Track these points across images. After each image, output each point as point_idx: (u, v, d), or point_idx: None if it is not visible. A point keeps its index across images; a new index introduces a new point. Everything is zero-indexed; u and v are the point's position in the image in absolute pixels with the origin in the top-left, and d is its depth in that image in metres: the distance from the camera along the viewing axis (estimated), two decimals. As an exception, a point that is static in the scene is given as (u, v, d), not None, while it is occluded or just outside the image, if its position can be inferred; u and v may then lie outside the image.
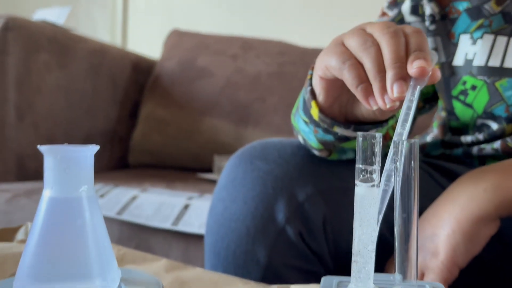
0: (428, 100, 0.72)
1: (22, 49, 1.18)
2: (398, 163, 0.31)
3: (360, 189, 0.31)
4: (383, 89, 0.42)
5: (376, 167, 0.31)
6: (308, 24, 1.87)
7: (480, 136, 0.64)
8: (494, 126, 0.62)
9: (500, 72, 0.59)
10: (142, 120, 1.52)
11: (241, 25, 1.95)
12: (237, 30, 1.84)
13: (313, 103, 0.51)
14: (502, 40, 0.60)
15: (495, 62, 0.60)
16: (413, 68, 0.41)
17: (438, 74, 0.43)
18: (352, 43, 0.44)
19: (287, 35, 1.73)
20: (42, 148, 0.31)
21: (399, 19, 0.67)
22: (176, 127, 1.49)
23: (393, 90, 0.41)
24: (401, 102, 0.42)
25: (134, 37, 2.20)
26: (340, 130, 0.51)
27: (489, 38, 0.60)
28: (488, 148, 0.62)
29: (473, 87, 0.62)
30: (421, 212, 0.55)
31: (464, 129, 0.67)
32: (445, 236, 0.50)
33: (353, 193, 0.32)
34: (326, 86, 0.49)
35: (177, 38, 1.64)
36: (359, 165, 0.31)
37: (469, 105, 0.63)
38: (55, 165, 0.31)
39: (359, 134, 0.31)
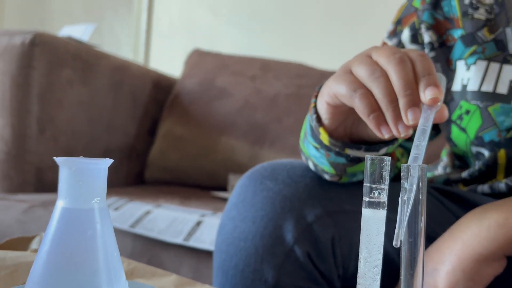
0: (433, 126, 0.73)
1: (47, 64, 1.22)
2: (406, 187, 0.31)
3: (367, 212, 0.31)
4: (397, 118, 0.42)
5: (385, 187, 0.31)
6: (327, 47, 1.89)
7: (476, 166, 0.64)
8: (486, 153, 0.62)
9: (492, 97, 0.60)
10: (160, 137, 1.54)
11: (261, 46, 1.98)
12: (257, 51, 1.86)
13: (321, 130, 0.52)
14: (494, 66, 0.60)
15: (488, 87, 0.60)
16: (426, 97, 0.42)
17: (446, 113, 0.44)
18: (360, 73, 0.45)
19: (306, 57, 1.75)
20: (58, 159, 0.32)
21: (400, 48, 0.68)
22: (193, 145, 1.50)
23: (408, 117, 0.41)
24: (415, 128, 0.42)
25: (157, 55, 2.24)
26: (352, 152, 0.52)
27: (482, 64, 0.61)
28: (494, 190, 0.63)
29: (467, 112, 0.62)
30: (430, 238, 0.55)
31: (465, 156, 0.67)
32: (445, 273, 0.49)
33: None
34: (333, 112, 0.50)
35: (198, 58, 1.67)
36: (367, 184, 0.31)
37: (463, 130, 0.64)
38: (70, 176, 0.32)
39: (368, 157, 0.31)
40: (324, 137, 0.52)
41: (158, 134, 1.55)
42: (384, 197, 0.31)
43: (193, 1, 2.14)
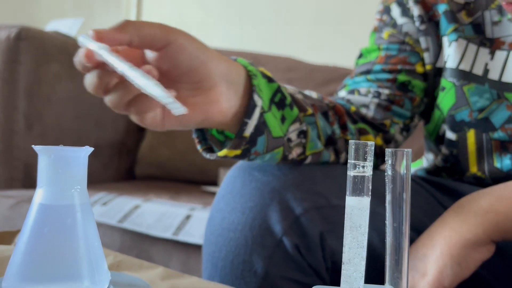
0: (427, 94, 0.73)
1: (34, 59, 1.20)
2: (390, 172, 0.31)
3: (351, 200, 0.31)
4: None
5: (369, 163, 0.31)
6: (317, 41, 1.89)
7: (447, 151, 0.65)
8: (452, 136, 0.63)
9: (469, 76, 0.61)
10: (150, 132, 1.53)
11: (251, 40, 1.97)
12: (247, 45, 1.85)
13: (219, 154, 0.51)
14: (472, 47, 0.62)
15: (465, 66, 0.62)
16: None
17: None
18: None
19: (296, 51, 1.74)
20: (37, 148, 0.31)
21: (392, 24, 0.69)
22: (184, 140, 1.49)
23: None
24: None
25: (146, 51, 2.22)
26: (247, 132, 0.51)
27: (462, 42, 0.62)
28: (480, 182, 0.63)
29: (443, 88, 0.64)
30: (420, 231, 0.55)
31: (430, 134, 0.68)
32: (434, 258, 0.50)
33: None
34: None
35: (187, 52, 1.66)
36: (351, 161, 0.31)
37: (437, 106, 0.65)
38: (49, 164, 0.31)
39: (351, 142, 0.31)
40: (225, 152, 0.51)
41: (148, 130, 1.54)
42: (368, 172, 0.31)
43: (183, -5, 2.13)
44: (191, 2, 2.11)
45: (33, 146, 0.31)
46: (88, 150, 0.32)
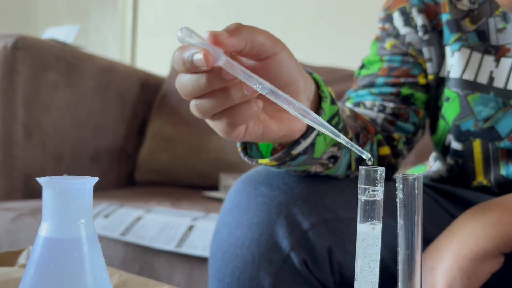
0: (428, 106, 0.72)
1: (31, 67, 1.19)
2: (401, 196, 0.31)
3: (363, 227, 0.31)
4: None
5: (380, 188, 0.31)
6: (317, 42, 1.88)
7: (452, 161, 0.64)
8: (458, 146, 0.63)
9: (473, 86, 0.61)
10: (149, 138, 1.53)
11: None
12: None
13: (260, 161, 0.50)
14: (476, 56, 0.61)
15: (469, 76, 0.61)
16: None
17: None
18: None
19: (294, 52, 1.73)
20: (41, 180, 0.31)
21: (395, 34, 0.68)
22: (183, 145, 1.49)
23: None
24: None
25: (143, 54, 2.22)
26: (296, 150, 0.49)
27: (465, 51, 0.62)
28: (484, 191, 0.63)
29: (447, 99, 0.63)
30: (427, 241, 0.55)
31: (437, 145, 0.68)
32: (443, 271, 0.50)
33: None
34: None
35: (185, 56, 1.65)
36: (362, 186, 0.31)
37: (442, 116, 0.64)
38: (54, 197, 0.31)
39: (361, 168, 0.31)
40: (265, 161, 0.49)
41: (147, 135, 1.54)
42: (379, 196, 0.30)
43: (179, -2, 2.12)
44: (186, 4, 2.10)
45: (37, 178, 0.31)
46: (93, 180, 0.32)
